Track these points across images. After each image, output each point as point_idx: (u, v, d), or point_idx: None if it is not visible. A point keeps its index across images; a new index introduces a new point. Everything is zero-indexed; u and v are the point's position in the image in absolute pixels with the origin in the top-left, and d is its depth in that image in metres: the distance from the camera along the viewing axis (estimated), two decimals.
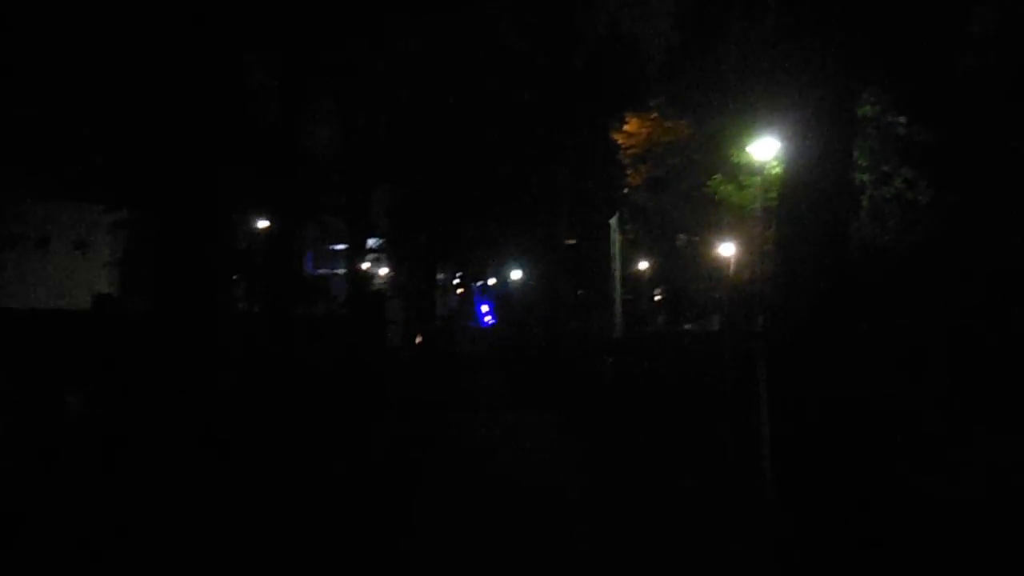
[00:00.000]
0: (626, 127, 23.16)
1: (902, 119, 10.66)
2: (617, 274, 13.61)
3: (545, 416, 10.02)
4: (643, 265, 36.80)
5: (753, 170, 12.78)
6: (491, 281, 59.08)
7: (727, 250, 28.09)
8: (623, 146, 23.38)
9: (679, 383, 10.04)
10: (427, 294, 26.65)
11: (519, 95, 23.08)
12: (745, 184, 12.82)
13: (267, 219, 18.69)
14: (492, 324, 56.81)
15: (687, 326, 27.31)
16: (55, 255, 24.12)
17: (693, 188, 22.42)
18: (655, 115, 22.49)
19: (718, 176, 12.89)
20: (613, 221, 14.60)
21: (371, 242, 41.13)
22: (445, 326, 28.30)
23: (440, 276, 41.65)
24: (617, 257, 13.80)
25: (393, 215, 28.29)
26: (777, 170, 12.25)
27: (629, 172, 24.53)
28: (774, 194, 12.24)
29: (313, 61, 15.66)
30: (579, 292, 22.33)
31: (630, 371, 12.27)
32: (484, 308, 61.60)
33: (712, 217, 15.69)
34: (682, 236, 25.73)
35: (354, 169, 26.53)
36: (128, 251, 19.06)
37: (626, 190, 24.95)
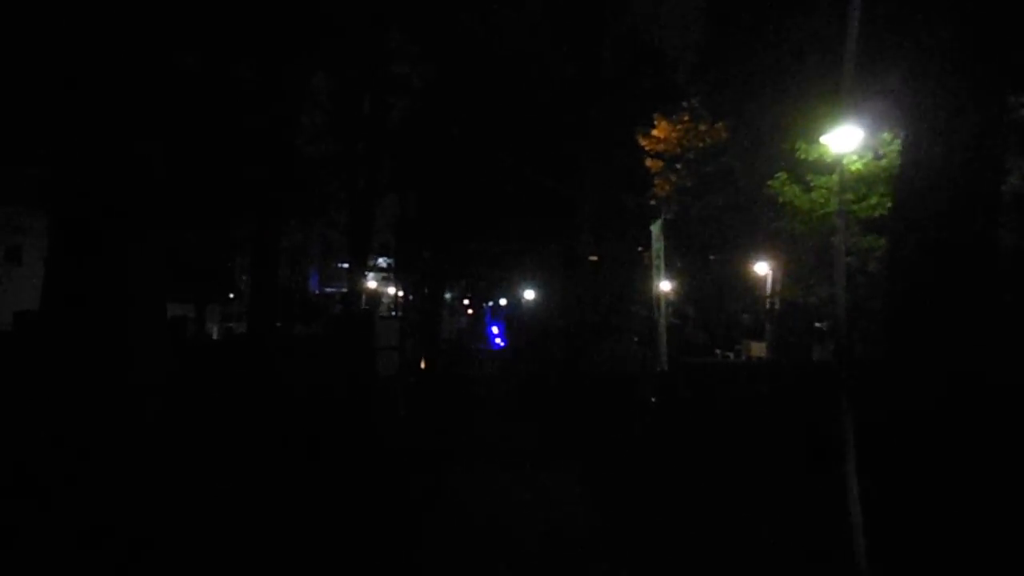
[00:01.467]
0: (654, 131, 21.03)
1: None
2: (660, 292, 11.18)
3: (575, 474, 7.67)
4: (665, 286, 34.49)
5: (823, 168, 10.53)
6: (502, 302, 56.84)
7: (762, 268, 25.79)
8: (651, 152, 21.24)
9: (759, 436, 7.69)
10: (433, 314, 24.45)
11: (537, 98, 20.94)
12: (814, 184, 10.54)
13: (249, 228, 16.57)
14: (503, 347, 54.65)
15: (718, 352, 24.88)
16: (29, 266, 22.08)
17: (729, 198, 20.22)
18: (687, 118, 20.36)
19: (781, 175, 10.61)
20: (656, 227, 12.20)
21: (381, 261, 39.00)
22: (452, 349, 26.05)
23: (448, 296, 39.45)
24: (661, 270, 11.36)
25: (398, 229, 26.18)
26: (857, 166, 10.02)
27: (656, 182, 22.33)
28: (852, 196, 9.99)
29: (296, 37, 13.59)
30: (600, 314, 19.89)
31: (686, 415, 9.82)
32: (495, 330, 59.52)
33: (757, 228, 13.29)
34: (712, 257, 23.49)
35: (354, 175, 24.54)
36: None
37: (653, 202, 22.73)
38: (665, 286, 36.50)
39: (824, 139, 9.67)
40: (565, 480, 7.37)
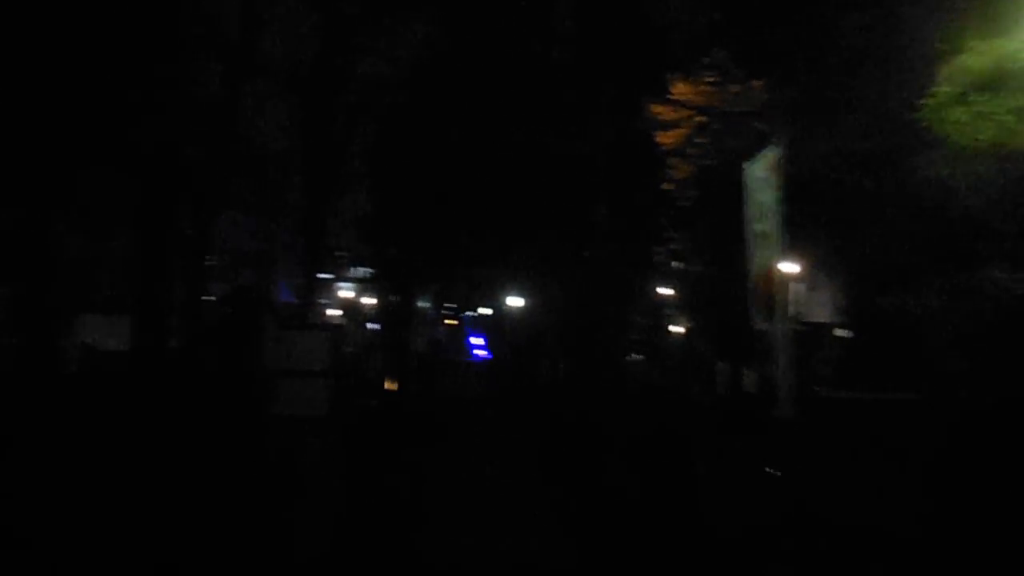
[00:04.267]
0: (671, 97, 17.15)
1: None
2: (782, 276, 6.69)
3: None
4: (667, 291, 30.50)
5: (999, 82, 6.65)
6: (484, 311, 52.65)
7: (788, 268, 21.89)
8: (668, 122, 17.35)
9: None
10: (402, 325, 20.33)
11: (538, 59, 16.83)
12: (978, 109, 6.63)
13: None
14: (487, 359, 50.76)
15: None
16: None
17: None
18: (712, 78, 16.51)
19: (941, 90, 6.71)
20: (760, 164, 7.59)
21: (361, 271, 34.84)
22: (427, 365, 21.90)
23: (425, 305, 35.28)
24: (776, 234, 6.79)
25: (361, 225, 22.01)
26: None
27: (671, 161, 18.44)
28: None
29: None
30: (614, 322, 15.83)
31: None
32: (477, 340, 55.78)
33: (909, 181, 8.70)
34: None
35: (311, 161, 20.51)
36: None
37: (665, 184, 18.79)
38: (665, 291, 32.58)
39: None
40: None
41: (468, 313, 56.05)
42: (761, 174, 6.60)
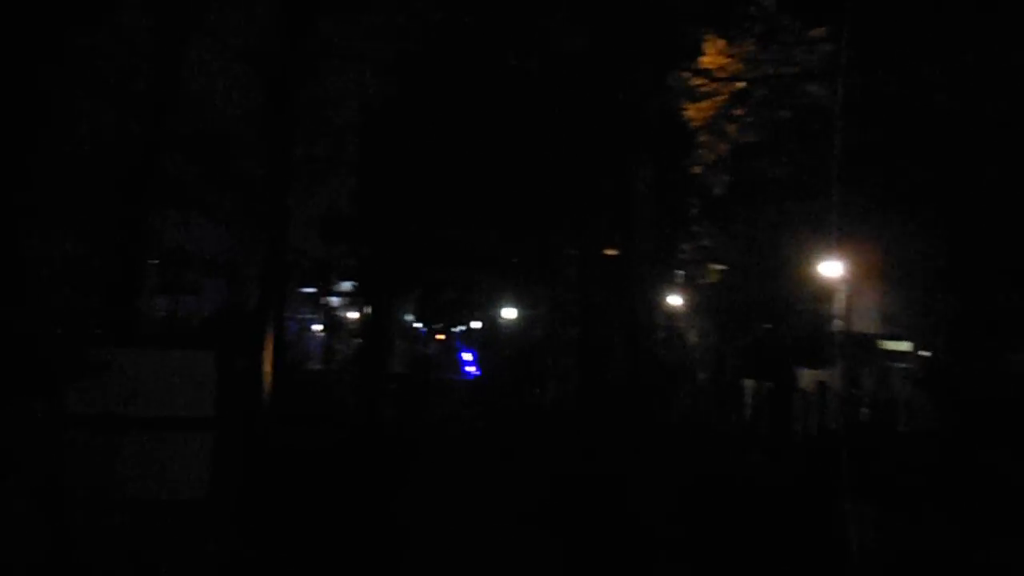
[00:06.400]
0: (704, 59, 14.03)
1: None
2: None
3: None
4: (677, 300, 27.21)
5: None
6: (476, 324, 49.53)
7: (833, 270, 18.73)
8: (699, 91, 14.21)
9: None
10: (379, 340, 16.95)
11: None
12: None
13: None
14: (476, 376, 48.06)
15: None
16: None
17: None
18: (756, 33, 13.41)
19: None
20: None
21: (346, 284, 31.65)
22: (408, 387, 18.58)
23: (409, 318, 32.05)
24: None
25: (326, 223, 18.69)
26: None
27: (702, 139, 15.35)
28: None
29: None
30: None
31: None
32: (467, 356, 52.88)
33: None
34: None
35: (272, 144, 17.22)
36: None
37: (697, 168, 15.67)
38: (676, 300, 29.53)
39: None
40: None
41: (459, 328, 52.64)
42: None
